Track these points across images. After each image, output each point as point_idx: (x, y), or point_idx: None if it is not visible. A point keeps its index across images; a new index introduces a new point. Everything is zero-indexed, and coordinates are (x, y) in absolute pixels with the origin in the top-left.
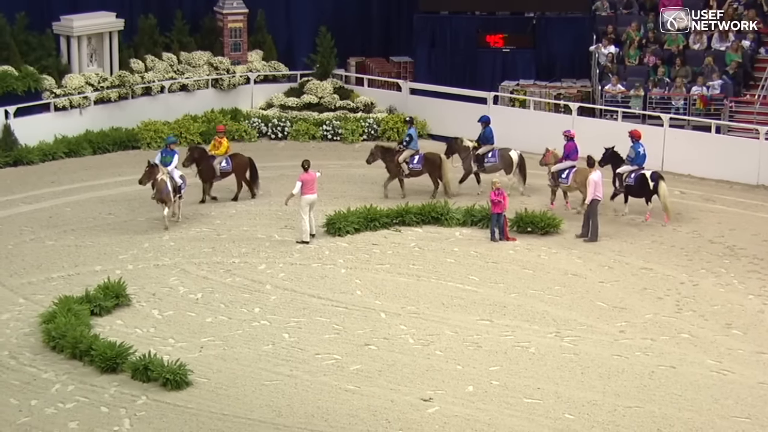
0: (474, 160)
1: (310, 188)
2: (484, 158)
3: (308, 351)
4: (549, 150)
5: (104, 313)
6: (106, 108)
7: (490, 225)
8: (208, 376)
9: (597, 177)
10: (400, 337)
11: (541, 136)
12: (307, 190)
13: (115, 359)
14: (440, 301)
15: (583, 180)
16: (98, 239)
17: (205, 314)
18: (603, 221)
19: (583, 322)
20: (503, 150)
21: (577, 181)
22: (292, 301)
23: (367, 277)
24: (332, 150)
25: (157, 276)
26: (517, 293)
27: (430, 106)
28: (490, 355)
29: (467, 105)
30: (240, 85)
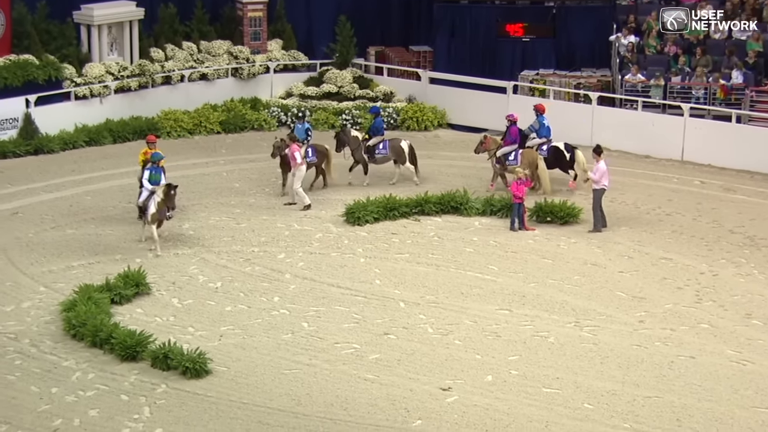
0: (365, 151)
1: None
2: (374, 149)
3: (327, 340)
4: (488, 137)
5: (124, 301)
6: (126, 97)
7: (510, 214)
8: (228, 365)
9: (604, 166)
10: (419, 327)
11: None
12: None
13: (135, 347)
14: (459, 291)
15: (531, 160)
16: (118, 228)
17: (225, 303)
18: (623, 212)
19: (603, 312)
20: (393, 140)
21: (525, 162)
22: (312, 290)
23: (387, 267)
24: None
25: (176, 265)
26: (537, 283)
27: (449, 96)
28: (509, 345)
29: (487, 94)
30: (260, 74)
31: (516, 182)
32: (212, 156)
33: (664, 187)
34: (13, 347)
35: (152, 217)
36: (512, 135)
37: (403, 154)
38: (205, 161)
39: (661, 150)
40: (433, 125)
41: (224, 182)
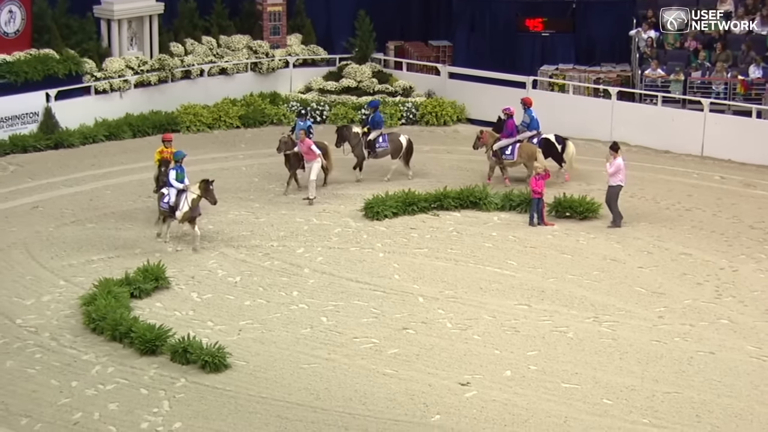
0: (365, 146)
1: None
2: (375, 143)
3: (346, 335)
4: (485, 131)
5: (144, 295)
6: (145, 91)
7: (530, 210)
8: (247, 359)
9: (621, 162)
10: (438, 322)
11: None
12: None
13: (155, 341)
14: (478, 286)
15: (529, 154)
16: (138, 222)
17: (244, 297)
18: (642, 207)
19: (622, 308)
20: (393, 135)
21: (523, 156)
22: (330, 284)
23: (405, 261)
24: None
25: (196, 259)
26: (556, 278)
27: (468, 91)
28: (528, 340)
29: (506, 89)
30: (279, 68)
31: (535, 177)
32: (231, 150)
33: (683, 183)
34: (33, 341)
35: (184, 216)
36: (509, 129)
37: (400, 149)
38: (225, 156)
39: (680, 145)
40: (452, 120)
41: (243, 177)
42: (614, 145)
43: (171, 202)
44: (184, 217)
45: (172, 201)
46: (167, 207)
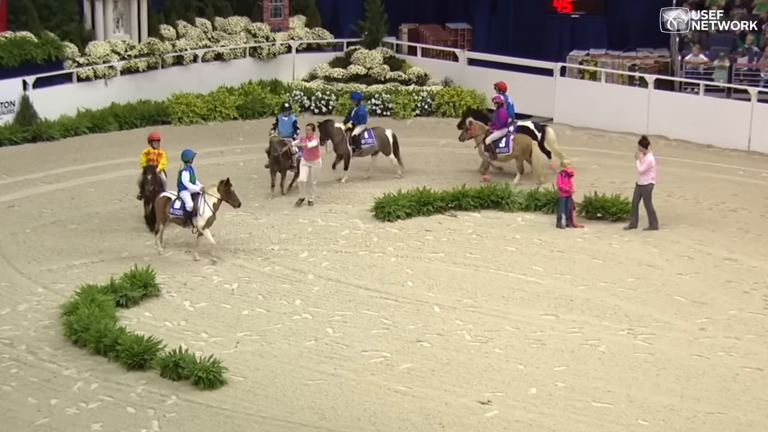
0: (350, 142)
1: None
2: (360, 139)
3: (354, 348)
4: (473, 122)
5: (131, 304)
6: (133, 79)
7: (557, 210)
8: (245, 375)
9: (653, 159)
10: (456, 333)
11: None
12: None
13: (143, 355)
14: (500, 294)
15: (525, 146)
16: (125, 223)
17: (242, 306)
18: (683, 207)
19: (659, 319)
20: (378, 129)
21: (517, 149)
22: (337, 292)
23: (420, 267)
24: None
25: (188, 264)
26: (586, 286)
27: (489, 78)
28: (556, 354)
29: (531, 77)
30: (280, 54)
31: (561, 174)
32: (228, 144)
33: (728, 180)
34: (8, 354)
35: (207, 222)
36: (501, 119)
37: (388, 145)
38: (220, 150)
39: (725, 139)
40: None
41: (241, 173)
42: (644, 141)
43: (189, 207)
44: (207, 222)
45: (189, 206)
46: (182, 213)
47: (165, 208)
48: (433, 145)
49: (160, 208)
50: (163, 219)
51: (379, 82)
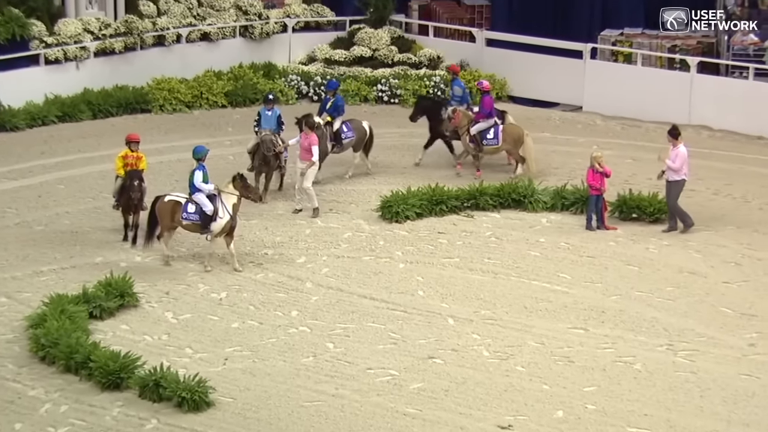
0: (331, 138)
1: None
2: (341, 134)
3: (358, 365)
4: (458, 111)
5: (106, 315)
6: (108, 61)
7: (586, 210)
8: (234, 395)
9: (685, 151)
10: (473, 349)
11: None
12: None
13: (119, 373)
14: (522, 305)
15: (517, 137)
16: (99, 224)
17: (231, 318)
18: (729, 207)
19: (703, 333)
20: (355, 121)
21: (508, 140)
22: (338, 302)
23: (432, 274)
24: (388, 115)
25: (171, 270)
26: (619, 295)
27: (510, 62)
28: (585, 373)
29: (558, 60)
30: (275, 33)
31: (592, 170)
32: (216, 135)
33: None
34: None
35: (225, 227)
36: (486, 107)
37: (364, 139)
38: (207, 142)
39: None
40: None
41: (230, 168)
42: (674, 130)
43: (209, 210)
44: (224, 228)
45: (209, 209)
46: (198, 218)
47: (174, 214)
48: None
49: (166, 214)
50: (170, 227)
51: (386, 65)
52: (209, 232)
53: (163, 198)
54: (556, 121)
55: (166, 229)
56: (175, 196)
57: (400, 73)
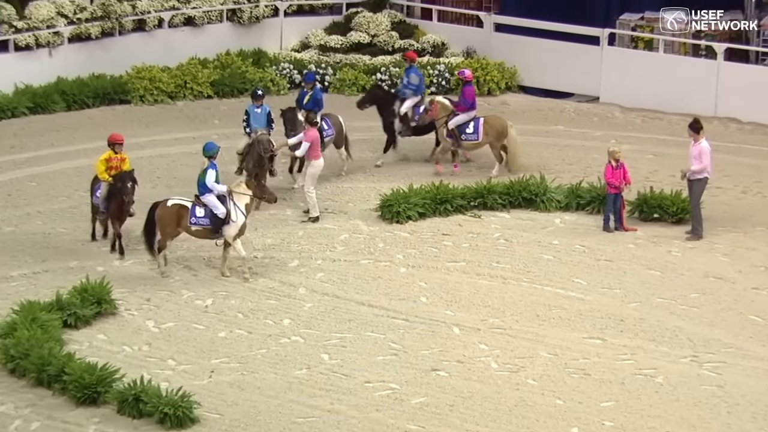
0: None
1: (318, 151)
2: (322, 132)
3: (355, 378)
4: (435, 101)
5: (81, 324)
6: (84, 48)
7: (604, 209)
8: (221, 411)
9: (708, 147)
10: (480, 361)
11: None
12: (316, 154)
13: (96, 387)
14: (534, 313)
15: (500, 129)
16: (74, 224)
17: (217, 327)
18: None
19: (730, 343)
20: (332, 117)
21: (491, 134)
22: (334, 310)
23: (436, 279)
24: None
25: (152, 275)
26: (639, 302)
27: (521, 48)
28: (602, 386)
29: (573, 46)
30: (265, 18)
31: (610, 166)
32: (201, 129)
33: None
34: None
35: (240, 230)
36: (468, 99)
37: (342, 134)
38: (192, 136)
39: None
40: (500, 88)
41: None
42: (695, 124)
43: (221, 213)
44: (240, 231)
45: (221, 211)
46: (209, 223)
47: (180, 220)
48: None
49: (170, 220)
50: (173, 234)
51: (386, 52)
52: (221, 236)
53: (164, 203)
54: (571, 113)
55: (170, 238)
56: (178, 200)
57: (401, 60)
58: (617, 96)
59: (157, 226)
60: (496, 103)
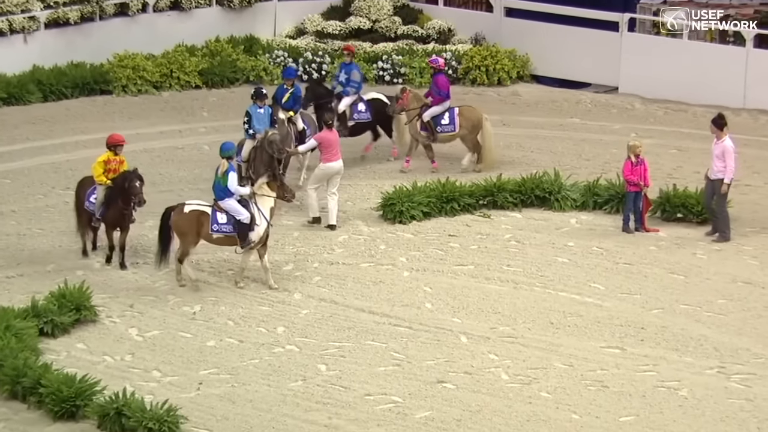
0: (295, 137)
1: (333, 153)
2: (305, 132)
3: (355, 390)
4: (408, 90)
5: (59, 332)
6: (62, 34)
7: (623, 209)
8: (210, 426)
9: (731, 145)
10: (489, 372)
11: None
12: (329, 156)
13: (75, 400)
14: (548, 320)
15: (474, 122)
16: (51, 225)
17: (206, 336)
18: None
19: (760, 353)
20: (306, 115)
21: (465, 125)
22: (332, 317)
23: (442, 284)
24: None
25: (136, 279)
26: (662, 309)
27: (534, 35)
28: (622, 400)
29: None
30: (258, 1)
31: (630, 161)
32: (188, 121)
33: None
34: None
35: (264, 235)
36: (441, 88)
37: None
38: (178, 129)
39: None
40: (510, 78)
41: (205, 159)
42: (719, 120)
43: (245, 219)
44: (262, 237)
45: (245, 216)
46: (232, 230)
47: (200, 227)
48: None
49: (189, 227)
50: (194, 242)
51: (388, 39)
52: (246, 243)
53: (180, 209)
54: (588, 105)
55: (192, 246)
56: (195, 205)
57: (405, 48)
58: (638, 86)
59: (174, 234)
60: (506, 94)
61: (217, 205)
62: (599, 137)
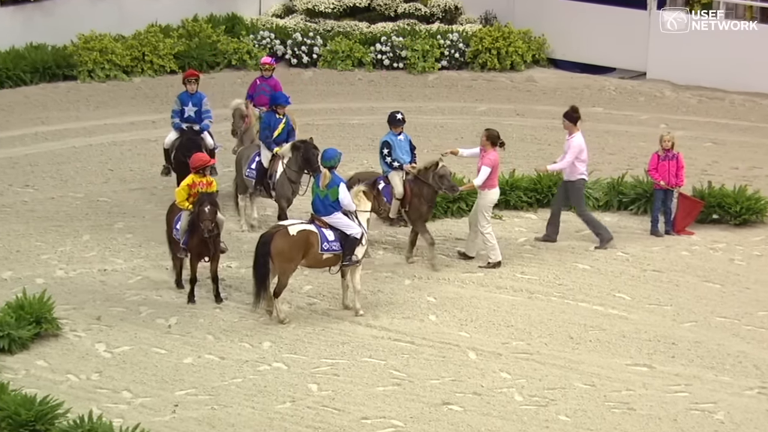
0: None
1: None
2: None
3: (350, 413)
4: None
5: (17, 348)
6: (20, 12)
7: (651, 210)
8: None
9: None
10: (501, 392)
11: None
12: (492, 183)
13: (35, 424)
14: (567, 334)
15: None
16: (9, 227)
17: (183, 352)
18: None
19: None
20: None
21: None
22: (325, 330)
23: (447, 293)
24: (391, 84)
25: (104, 288)
26: (695, 322)
27: (551, 14)
28: (650, 424)
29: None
30: None
31: (657, 155)
32: (162, 111)
33: None
34: None
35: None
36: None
37: None
38: (152, 119)
39: None
40: (525, 62)
41: None
42: (573, 113)
43: (356, 234)
44: (365, 253)
45: (356, 232)
46: (340, 248)
47: (309, 249)
48: (467, 112)
49: (296, 252)
50: (294, 270)
51: (388, 18)
52: (353, 262)
53: (284, 231)
54: (612, 92)
55: (291, 274)
56: (300, 225)
57: (406, 28)
58: (668, 71)
59: (275, 263)
60: (520, 80)
61: (321, 220)
62: (625, 129)
